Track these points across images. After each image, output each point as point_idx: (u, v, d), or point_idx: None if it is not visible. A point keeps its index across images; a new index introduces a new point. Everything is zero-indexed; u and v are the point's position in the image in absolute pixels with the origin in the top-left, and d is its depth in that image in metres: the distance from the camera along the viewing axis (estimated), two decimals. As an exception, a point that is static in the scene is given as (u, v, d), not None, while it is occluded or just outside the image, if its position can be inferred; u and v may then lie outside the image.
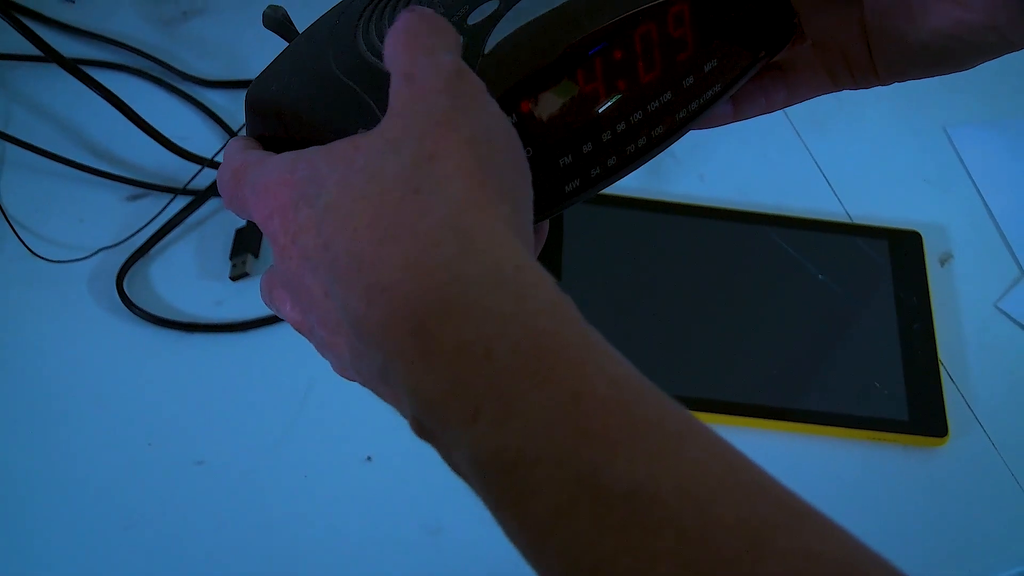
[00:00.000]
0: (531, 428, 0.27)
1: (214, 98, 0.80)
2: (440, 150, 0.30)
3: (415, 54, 0.33)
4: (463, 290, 0.28)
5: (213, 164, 0.76)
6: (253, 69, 0.81)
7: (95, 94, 0.69)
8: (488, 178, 0.30)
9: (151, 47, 0.82)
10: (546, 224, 0.40)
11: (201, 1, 0.85)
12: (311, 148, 0.34)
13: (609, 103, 0.38)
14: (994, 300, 0.77)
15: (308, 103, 0.39)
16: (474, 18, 0.37)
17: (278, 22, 0.44)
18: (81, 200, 0.74)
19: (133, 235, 0.72)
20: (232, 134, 0.78)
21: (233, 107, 0.80)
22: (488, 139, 0.31)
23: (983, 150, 0.84)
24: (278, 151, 0.38)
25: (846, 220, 0.80)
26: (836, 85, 0.46)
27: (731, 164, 0.82)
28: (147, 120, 0.72)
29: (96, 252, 0.72)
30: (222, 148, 0.77)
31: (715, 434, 0.28)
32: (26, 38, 0.65)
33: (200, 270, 0.73)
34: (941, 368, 0.72)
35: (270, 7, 0.44)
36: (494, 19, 0.37)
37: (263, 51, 0.80)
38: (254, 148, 0.38)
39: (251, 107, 0.41)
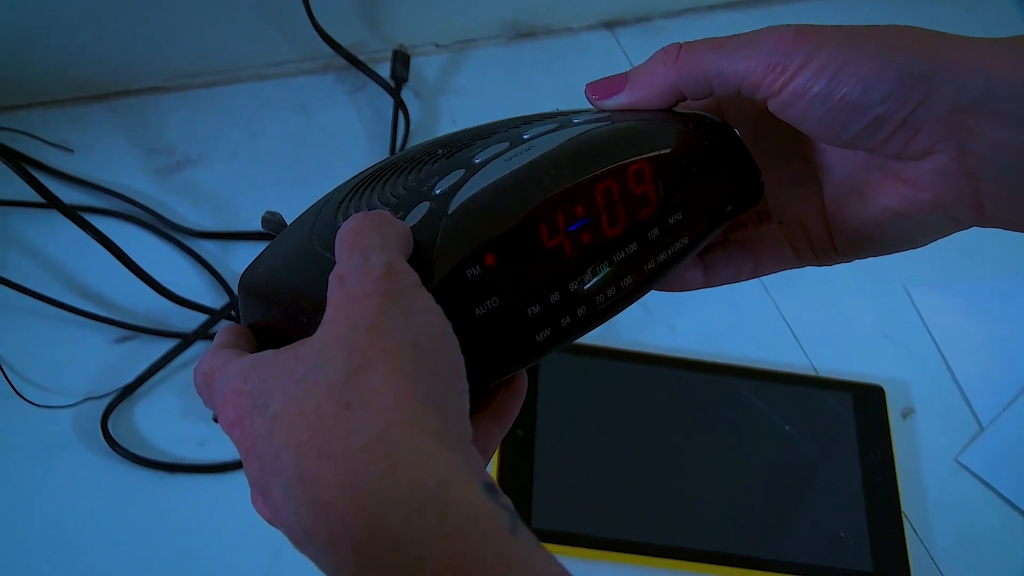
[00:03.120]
0: None
1: (205, 245, 0.83)
2: (368, 361, 0.32)
3: (351, 256, 0.35)
4: (390, 513, 0.30)
5: (207, 311, 0.78)
6: (242, 220, 0.84)
7: (90, 238, 0.70)
8: (416, 384, 0.32)
9: (145, 196, 0.84)
10: (523, 374, 0.42)
11: (195, 152, 0.88)
12: (263, 355, 0.36)
13: (573, 255, 0.40)
14: (954, 454, 0.79)
15: (288, 275, 0.41)
16: (441, 187, 0.40)
17: (276, 224, 0.47)
18: (70, 341, 0.76)
19: (122, 387, 0.74)
20: (220, 280, 0.80)
21: (222, 254, 0.83)
22: (416, 341, 0.33)
23: (941, 309, 0.88)
24: (266, 342, 0.41)
25: (812, 373, 0.83)
26: (800, 261, 0.49)
27: (702, 317, 0.85)
28: (139, 265, 0.74)
29: (83, 401, 0.73)
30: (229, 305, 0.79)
31: None
32: (31, 186, 0.67)
33: (184, 411, 0.74)
34: (904, 520, 0.74)
35: (268, 212, 0.47)
36: (458, 184, 0.40)
37: (252, 203, 0.85)
38: (228, 346, 0.40)
39: (242, 290, 0.44)
